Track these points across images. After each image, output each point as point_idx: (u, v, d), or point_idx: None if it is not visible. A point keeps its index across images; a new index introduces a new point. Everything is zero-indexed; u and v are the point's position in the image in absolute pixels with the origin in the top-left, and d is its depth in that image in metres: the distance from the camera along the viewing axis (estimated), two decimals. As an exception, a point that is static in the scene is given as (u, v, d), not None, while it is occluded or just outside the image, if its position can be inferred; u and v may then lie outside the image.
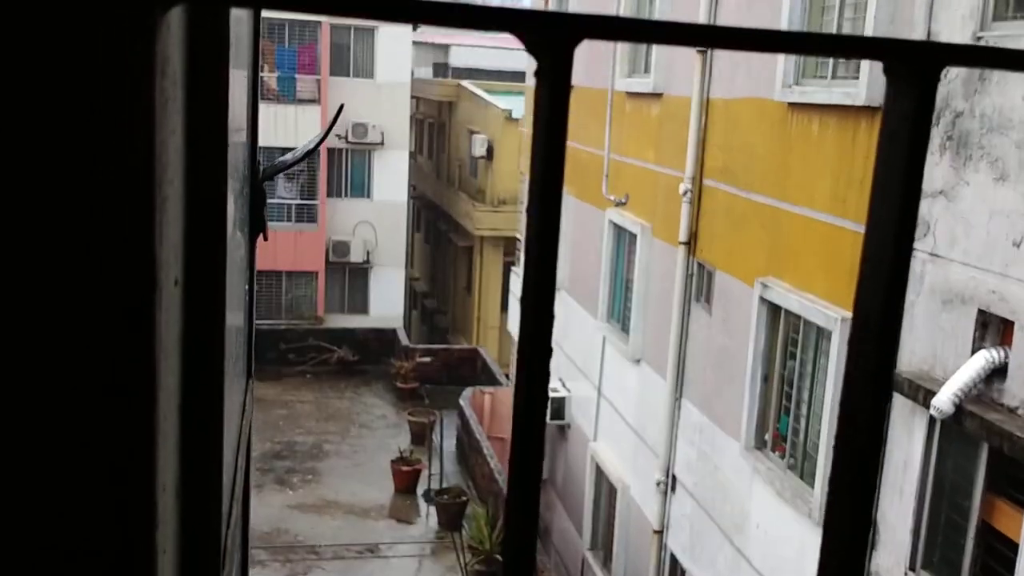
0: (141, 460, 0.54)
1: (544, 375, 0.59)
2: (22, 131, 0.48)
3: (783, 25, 9.02)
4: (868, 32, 7.79)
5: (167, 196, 0.65)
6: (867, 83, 7.74)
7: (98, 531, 0.53)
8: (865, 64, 7.82)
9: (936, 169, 7.03)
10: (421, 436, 20.32)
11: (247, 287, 1.74)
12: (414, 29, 28.82)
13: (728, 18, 10.40)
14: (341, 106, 3.68)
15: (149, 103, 0.51)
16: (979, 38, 6.69)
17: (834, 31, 8.54)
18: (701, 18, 10.71)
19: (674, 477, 11.59)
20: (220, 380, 0.89)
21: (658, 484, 11.73)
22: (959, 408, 6.42)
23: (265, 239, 1.83)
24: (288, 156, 3.00)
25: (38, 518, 0.52)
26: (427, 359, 24.54)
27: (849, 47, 0.67)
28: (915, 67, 0.65)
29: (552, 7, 16.54)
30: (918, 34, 7.25)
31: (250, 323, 1.85)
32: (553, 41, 0.58)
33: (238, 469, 1.39)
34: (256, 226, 1.72)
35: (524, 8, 0.53)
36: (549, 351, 0.60)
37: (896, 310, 0.70)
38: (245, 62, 1.77)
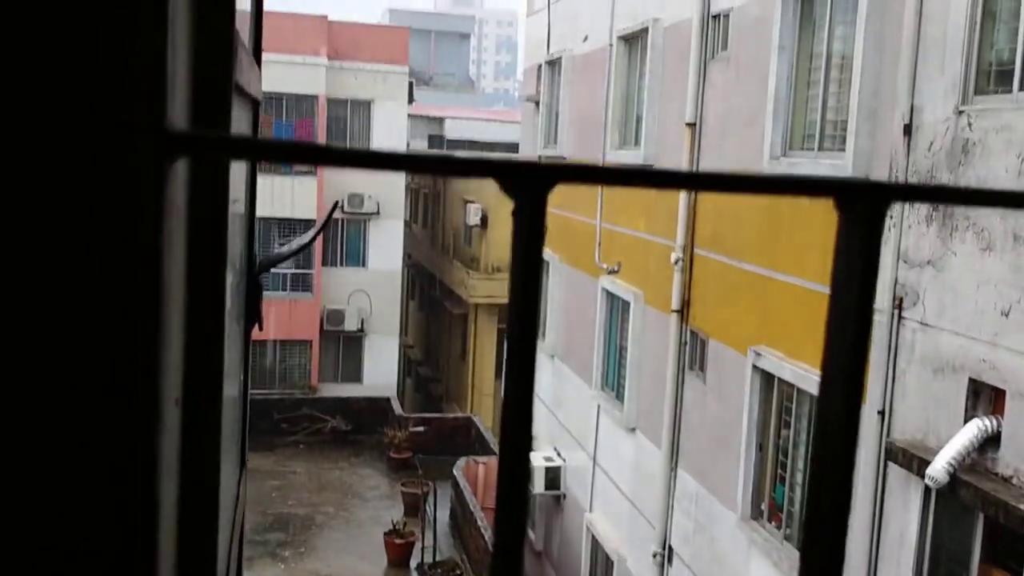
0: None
1: (526, 445, 0.62)
2: (42, 268, 0.54)
3: (770, 98, 9.21)
4: (853, 105, 7.95)
5: (169, 325, 0.70)
6: (853, 155, 7.88)
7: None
8: (851, 136, 7.97)
9: (923, 239, 7.13)
10: (414, 507, 20.11)
11: (242, 378, 1.78)
12: (410, 103, 29.24)
13: (717, 94, 10.60)
14: (336, 203, 3.77)
15: (157, 248, 0.56)
16: (960, 111, 6.84)
17: (819, 105, 8.72)
18: (690, 95, 10.91)
19: (671, 548, 11.49)
20: (215, 496, 0.93)
21: (655, 556, 11.63)
22: (953, 477, 6.42)
23: (260, 329, 1.87)
24: (284, 249, 3.06)
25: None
26: (420, 428, 24.40)
27: (800, 186, 0.72)
28: (864, 203, 0.70)
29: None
30: (902, 107, 7.40)
31: (244, 413, 1.88)
32: (529, 187, 0.63)
33: (231, 559, 1.42)
34: (251, 317, 1.77)
35: (504, 159, 0.60)
36: (530, 439, 0.64)
37: (854, 421, 0.74)
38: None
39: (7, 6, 0.51)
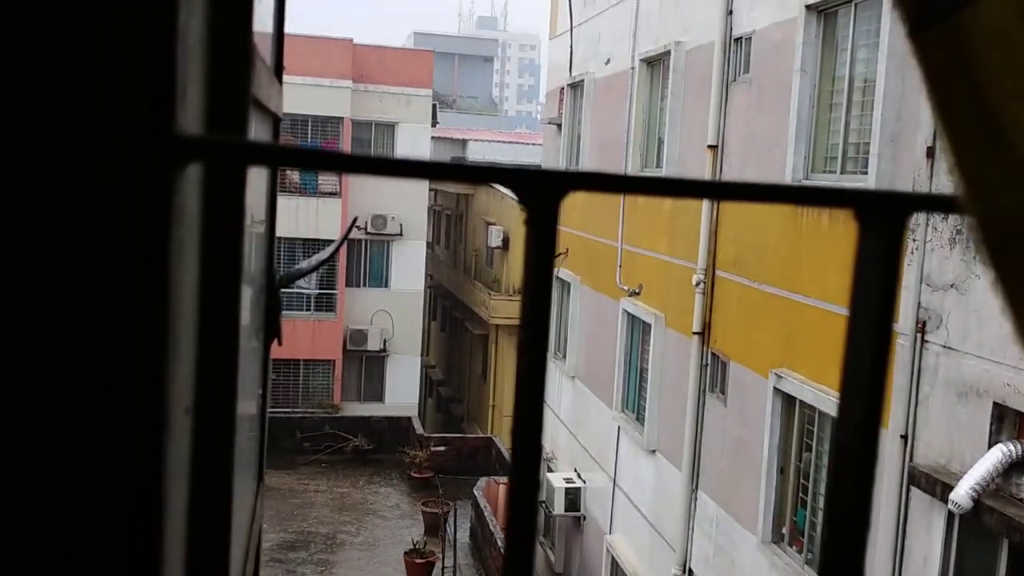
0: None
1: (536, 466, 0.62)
2: (47, 271, 0.54)
3: (792, 123, 9.19)
4: (876, 127, 7.92)
5: (179, 333, 0.70)
6: (876, 178, 7.84)
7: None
8: (874, 159, 7.94)
9: (947, 262, 7.08)
10: (435, 527, 20.06)
11: (260, 392, 1.79)
12: (433, 125, 29.40)
13: (738, 117, 10.59)
14: (354, 219, 3.80)
15: (165, 253, 0.56)
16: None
17: (841, 127, 8.69)
18: (712, 117, 10.91)
19: (691, 571, 11.39)
20: (228, 503, 0.92)
21: (675, 579, 11.53)
22: (977, 503, 6.34)
23: (280, 344, 1.88)
24: (304, 264, 3.08)
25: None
26: (441, 448, 24.38)
27: (819, 196, 0.72)
28: (883, 214, 0.69)
29: (568, 100, 16.88)
30: (925, 130, 7.36)
31: (262, 427, 1.88)
32: (540, 195, 0.63)
33: (247, 574, 1.41)
34: (271, 332, 1.77)
35: (516, 167, 0.59)
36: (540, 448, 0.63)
37: (873, 440, 0.73)
38: (264, 168, 1.84)
39: (8, 3, 0.51)
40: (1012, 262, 0.54)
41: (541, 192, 0.62)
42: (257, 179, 1.57)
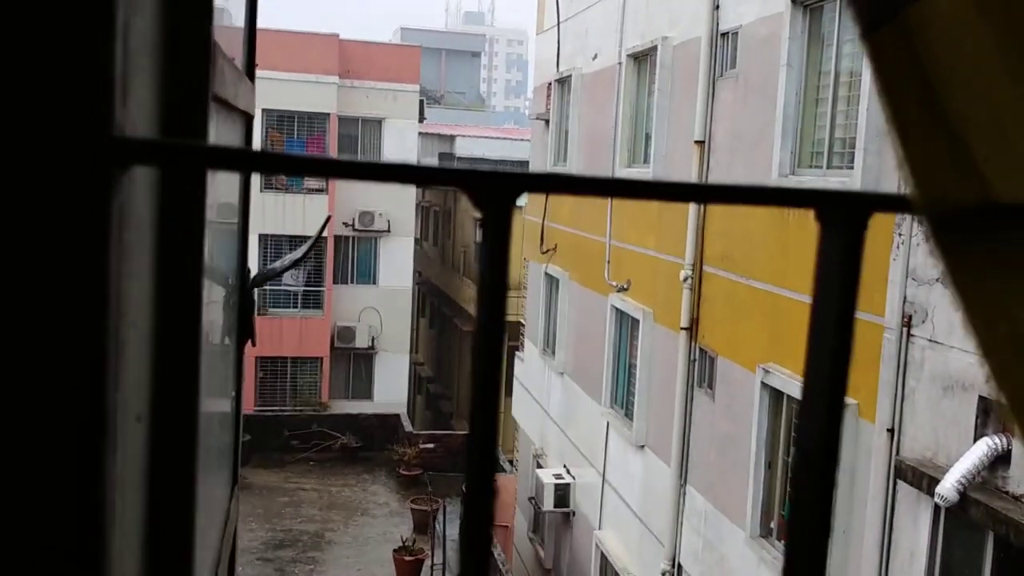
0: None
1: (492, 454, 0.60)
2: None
3: (778, 118, 9.20)
4: (862, 122, 7.93)
5: (127, 339, 0.68)
6: (862, 172, 7.86)
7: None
8: (860, 153, 7.95)
9: (932, 257, 7.09)
10: (424, 525, 20.05)
11: (234, 394, 1.77)
12: (420, 121, 29.35)
13: (725, 112, 10.59)
14: (328, 218, 3.78)
15: (102, 257, 0.55)
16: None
17: (828, 122, 8.70)
18: (699, 112, 10.91)
19: (680, 566, 11.41)
20: (191, 505, 0.91)
21: (663, 574, 11.55)
22: (963, 496, 6.36)
23: (253, 345, 1.86)
24: (277, 264, 3.06)
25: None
26: (430, 445, 24.36)
27: (781, 197, 0.71)
28: (844, 214, 0.68)
29: (555, 97, 16.87)
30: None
31: (237, 428, 1.87)
32: (493, 196, 0.62)
33: (219, 579, 1.40)
34: (244, 333, 1.76)
35: (468, 168, 0.58)
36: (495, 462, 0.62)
37: (834, 439, 0.72)
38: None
39: None
40: (962, 254, 0.53)
41: (494, 194, 0.60)
42: (228, 178, 1.56)
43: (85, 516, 0.53)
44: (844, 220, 0.68)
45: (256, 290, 2.05)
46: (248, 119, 1.69)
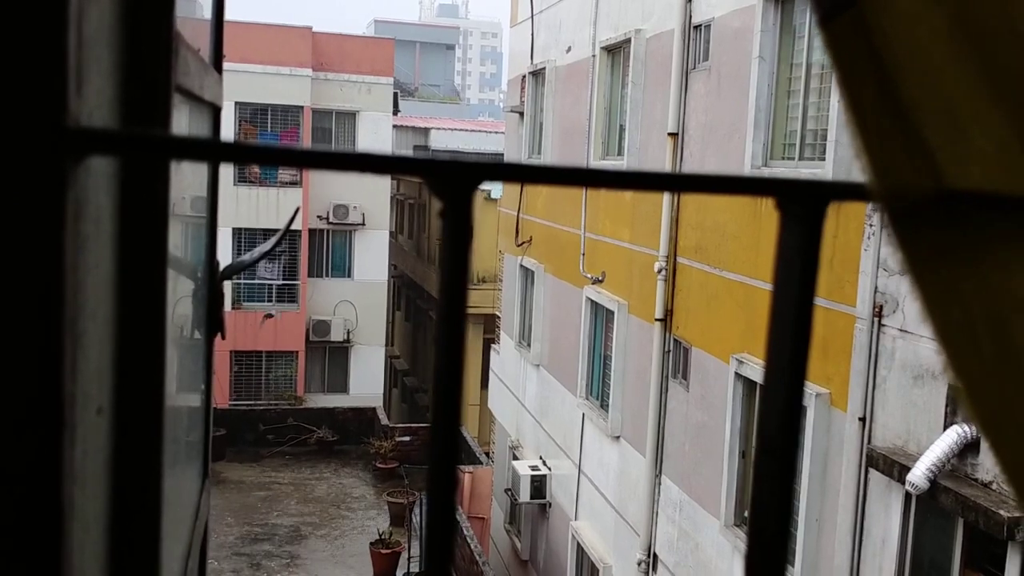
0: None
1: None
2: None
3: (751, 110, 9.24)
4: (833, 114, 7.98)
5: (85, 330, 0.68)
6: (833, 163, 7.91)
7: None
8: (831, 145, 8.00)
9: (890, 245, 7.15)
10: (400, 517, 20.04)
11: (204, 387, 1.76)
12: (395, 114, 29.25)
13: (698, 104, 10.63)
14: (297, 209, 3.77)
15: (58, 252, 0.54)
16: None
17: (800, 114, 8.75)
18: (672, 105, 10.94)
19: (655, 556, 11.47)
20: (157, 505, 0.90)
21: (639, 564, 11.60)
22: (934, 483, 6.43)
23: (223, 338, 1.85)
24: (247, 256, 3.05)
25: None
26: (406, 438, 24.33)
27: (741, 185, 0.71)
28: (804, 203, 0.69)
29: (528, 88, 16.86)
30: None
31: (207, 421, 1.86)
32: (454, 185, 0.62)
33: (188, 573, 1.39)
34: (213, 326, 1.75)
35: (427, 158, 0.58)
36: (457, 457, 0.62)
37: (794, 420, 0.72)
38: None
39: None
40: (918, 242, 0.54)
41: (455, 182, 0.61)
42: (195, 169, 1.55)
43: (41, 508, 0.53)
44: (804, 209, 0.69)
45: (228, 283, 2.04)
46: (216, 111, 1.68)
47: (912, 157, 0.53)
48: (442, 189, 0.62)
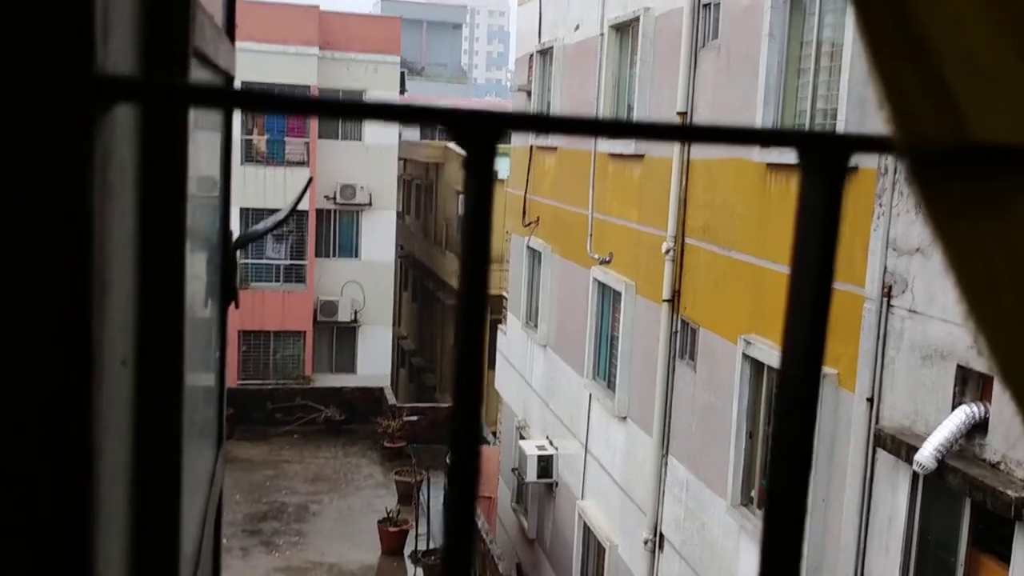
0: (77, 534, 0.56)
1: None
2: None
3: (760, 88, 9.20)
4: (843, 92, 7.94)
5: (110, 280, 0.68)
6: (843, 142, 7.86)
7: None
8: (841, 124, 7.97)
9: (912, 227, 7.13)
10: (408, 496, 20.15)
11: (218, 353, 1.77)
12: (401, 93, 29.18)
13: (707, 82, 10.58)
14: (310, 179, 3.78)
15: (86, 197, 0.55)
16: (950, 98, 6.82)
17: (809, 92, 8.71)
18: (681, 83, 10.89)
19: (661, 535, 11.51)
20: (178, 456, 0.91)
21: (645, 543, 11.65)
22: (941, 463, 6.44)
23: (236, 307, 1.86)
24: (260, 226, 3.05)
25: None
26: (414, 418, 24.43)
27: (760, 137, 0.71)
28: (826, 155, 0.69)
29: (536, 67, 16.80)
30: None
31: (221, 388, 1.87)
32: (478, 133, 0.62)
33: (204, 539, 1.40)
34: (227, 294, 1.75)
35: (452, 107, 0.58)
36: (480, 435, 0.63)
37: (815, 375, 0.72)
38: (217, 125, 1.81)
39: None
40: (940, 194, 0.54)
41: (478, 132, 0.61)
42: (209, 140, 1.55)
43: (71, 446, 0.54)
44: (825, 161, 0.68)
45: (238, 259, 2.05)
46: (229, 79, 1.68)
47: (934, 106, 0.53)
48: (466, 139, 0.62)
